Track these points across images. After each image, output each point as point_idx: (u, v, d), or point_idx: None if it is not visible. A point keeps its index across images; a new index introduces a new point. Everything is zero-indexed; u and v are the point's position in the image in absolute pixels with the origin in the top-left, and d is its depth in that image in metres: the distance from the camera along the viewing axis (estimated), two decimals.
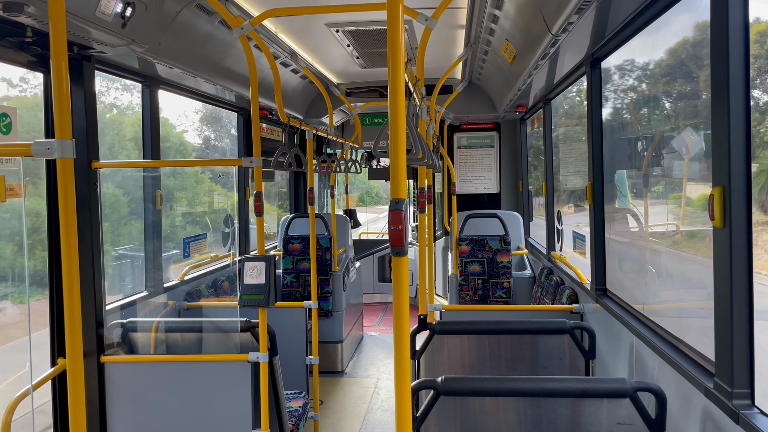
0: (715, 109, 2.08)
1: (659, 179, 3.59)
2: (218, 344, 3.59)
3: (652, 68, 3.69)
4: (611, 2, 2.89)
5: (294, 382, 4.56)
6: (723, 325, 2.08)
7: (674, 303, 3.32)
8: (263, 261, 3.15)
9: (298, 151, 4.39)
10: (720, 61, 2.04)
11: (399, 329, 1.53)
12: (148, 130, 4.27)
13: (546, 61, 4.11)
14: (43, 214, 3.36)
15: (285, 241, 6.67)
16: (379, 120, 8.87)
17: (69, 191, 1.69)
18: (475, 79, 6.94)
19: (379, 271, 10.07)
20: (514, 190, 8.16)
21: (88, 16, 2.78)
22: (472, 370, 3.39)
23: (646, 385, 2.13)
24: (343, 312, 6.47)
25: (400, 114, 1.50)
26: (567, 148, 6.18)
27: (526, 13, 3.64)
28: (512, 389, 2.23)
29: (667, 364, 2.63)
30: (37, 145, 1.71)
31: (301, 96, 6.97)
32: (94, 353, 3.32)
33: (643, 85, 3.92)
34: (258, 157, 3.19)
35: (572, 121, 6.14)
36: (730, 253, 2.00)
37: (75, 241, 1.73)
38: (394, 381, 1.55)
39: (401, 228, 1.53)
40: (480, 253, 6.38)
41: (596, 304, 3.82)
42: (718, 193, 2.03)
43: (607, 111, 3.94)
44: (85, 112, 3.29)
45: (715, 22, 2.07)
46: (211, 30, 4.05)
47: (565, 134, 6.33)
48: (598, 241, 3.89)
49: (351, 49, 5.47)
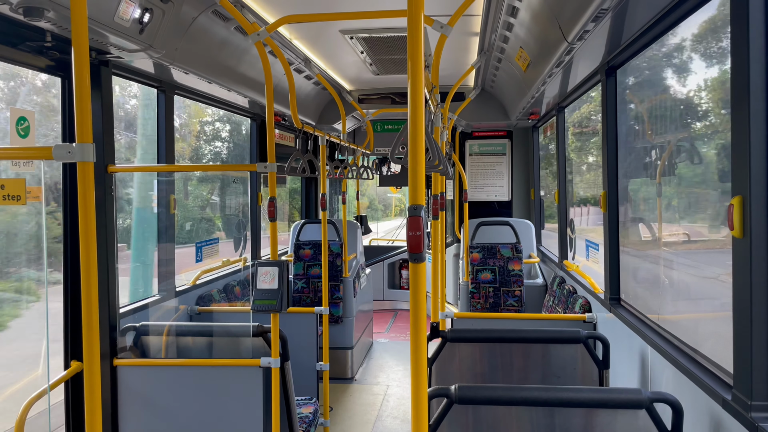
0: (735, 117, 2.06)
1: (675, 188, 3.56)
2: (230, 349, 3.60)
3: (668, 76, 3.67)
4: (628, 10, 2.88)
5: (304, 388, 4.56)
6: (742, 336, 2.06)
7: (688, 313, 3.28)
8: (276, 266, 3.16)
9: (311, 156, 4.41)
10: (740, 68, 2.02)
11: (416, 336, 1.52)
12: (163, 135, 4.30)
13: (560, 69, 4.10)
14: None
15: (296, 246, 6.68)
16: (391, 127, 8.88)
17: (89, 194, 1.71)
18: (488, 86, 6.94)
19: (389, 278, 10.06)
20: (525, 197, 8.13)
21: (107, 21, 2.81)
22: (483, 378, 3.37)
23: (663, 396, 2.10)
24: (353, 318, 6.47)
25: (420, 120, 1.50)
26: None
27: (542, 21, 3.64)
28: (526, 398, 2.21)
29: (683, 375, 2.60)
30: (57, 148, 1.72)
31: (313, 102, 7.00)
32: (107, 356, 3.34)
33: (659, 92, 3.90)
34: (272, 163, 3.21)
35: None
36: (750, 262, 1.98)
37: (94, 245, 1.74)
38: (411, 388, 1.54)
39: (419, 234, 1.52)
40: (491, 261, 6.35)
41: (610, 313, 3.79)
42: (738, 202, 2.01)
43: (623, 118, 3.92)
44: (101, 116, 3.32)
45: (736, 29, 2.06)
46: (227, 36, 4.08)
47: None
48: (612, 250, 3.86)
49: (364, 56, 5.49)
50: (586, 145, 5.88)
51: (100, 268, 3.30)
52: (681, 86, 3.39)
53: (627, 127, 3.90)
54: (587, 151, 5.88)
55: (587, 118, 5.67)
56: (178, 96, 4.49)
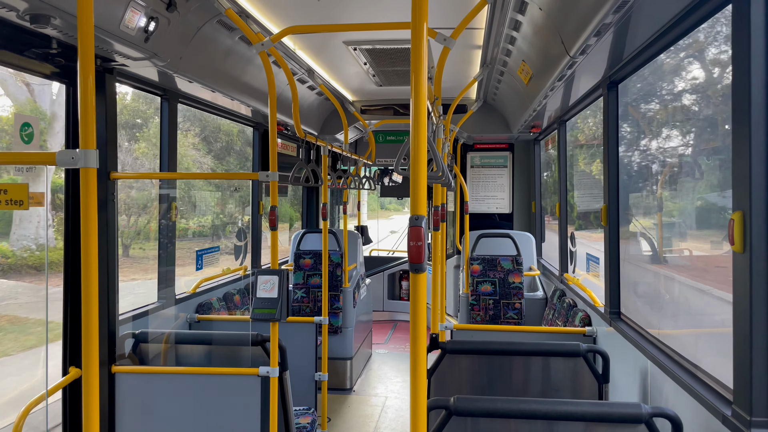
0: (736, 133, 2.07)
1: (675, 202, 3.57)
2: (228, 357, 3.59)
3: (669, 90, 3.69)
4: (630, 25, 2.90)
5: (302, 398, 4.54)
6: (742, 351, 2.05)
7: (688, 328, 3.28)
8: (276, 275, 3.16)
9: (315, 166, 4.42)
10: (742, 84, 2.03)
11: (416, 347, 1.52)
12: (166, 143, 4.32)
13: (562, 83, 4.12)
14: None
15: (296, 255, 6.68)
16: (393, 138, 8.91)
17: (91, 201, 1.71)
18: (490, 99, 6.96)
19: (389, 289, 10.04)
20: (527, 210, 8.14)
21: (113, 29, 2.83)
22: (482, 391, 3.36)
23: (663, 411, 2.09)
24: (352, 329, 6.45)
25: (422, 132, 1.51)
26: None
27: (544, 35, 3.66)
28: (525, 411, 2.20)
29: (683, 390, 2.59)
30: (61, 154, 1.73)
31: (316, 112, 7.02)
32: (105, 363, 3.33)
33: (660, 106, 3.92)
34: (274, 172, 3.21)
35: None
36: (750, 278, 1.97)
37: (95, 251, 1.74)
38: (410, 399, 1.54)
39: (420, 244, 1.53)
40: (492, 273, 6.35)
41: (610, 327, 3.78)
42: (739, 217, 2.02)
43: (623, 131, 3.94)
44: (105, 123, 3.34)
45: (737, 46, 2.07)
46: (231, 45, 4.11)
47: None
48: (612, 263, 3.86)
49: (367, 67, 5.52)
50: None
51: (101, 275, 3.30)
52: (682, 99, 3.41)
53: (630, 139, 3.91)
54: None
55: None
56: (182, 104, 4.51)
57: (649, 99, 3.83)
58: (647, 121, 3.88)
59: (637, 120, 3.95)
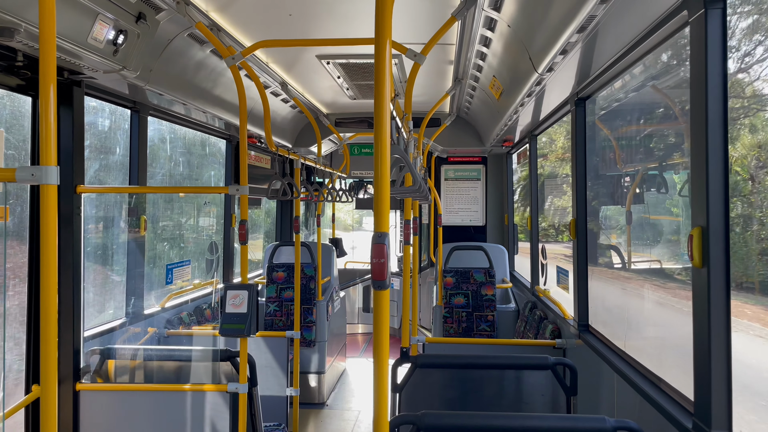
0: (695, 150, 2.12)
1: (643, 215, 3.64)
2: (197, 373, 3.54)
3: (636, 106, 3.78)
4: (596, 44, 2.97)
5: (273, 414, 4.49)
6: (702, 364, 2.09)
7: (654, 340, 3.33)
8: (246, 290, 3.13)
9: (291, 180, 4.41)
10: (699, 101, 2.09)
11: (379, 363, 1.52)
12: (136, 156, 4.27)
13: (532, 99, 4.18)
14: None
15: (269, 269, 6.63)
16: (368, 150, 8.95)
17: (51, 217, 1.69)
18: (463, 113, 7.04)
19: (364, 301, 10.01)
20: (499, 223, 8.21)
21: (80, 41, 2.80)
22: (454, 404, 3.36)
23: (626, 425, 2.12)
24: (325, 342, 6.41)
25: (384, 147, 1.52)
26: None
27: (513, 52, 3.73)
28: (491, 426, 2.21)
29: (647, 403, 2.63)
30: (21, 170, 1.70)
31: (290, 125, 7.02)
32: (69, 380, 3.26)
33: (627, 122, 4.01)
34: (245, 185, 3.20)
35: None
36: (708, 292, 2.02)
37: (55, 266, 1.71)
38: (372, 416, 1.53)
39: (383, 261, 1.53)
40: (465, 286, 6.38)
41: (579, 340, 3.82)
42: (697, 233, 2.06)
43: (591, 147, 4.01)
44: (72, 136, 3.29)
45: (695, 64, 2.13)
46: (203, 58, 4.09)
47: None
48: (581, 276, 3.91)
49: (341, 81, 5.54)
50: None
51: (65, 290, 3.24)
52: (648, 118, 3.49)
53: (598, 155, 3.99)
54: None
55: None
56: (152, 117, 4.48)
57: (617, 115, 3.91)
58: (617, 136, 3.96)
59: (608, 135, 4.04)
